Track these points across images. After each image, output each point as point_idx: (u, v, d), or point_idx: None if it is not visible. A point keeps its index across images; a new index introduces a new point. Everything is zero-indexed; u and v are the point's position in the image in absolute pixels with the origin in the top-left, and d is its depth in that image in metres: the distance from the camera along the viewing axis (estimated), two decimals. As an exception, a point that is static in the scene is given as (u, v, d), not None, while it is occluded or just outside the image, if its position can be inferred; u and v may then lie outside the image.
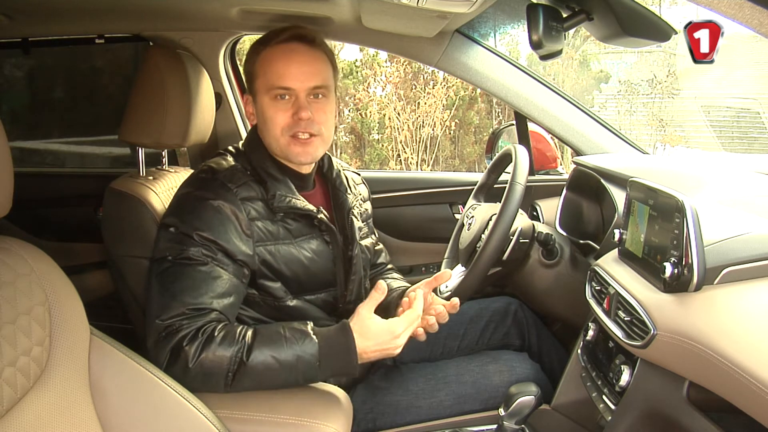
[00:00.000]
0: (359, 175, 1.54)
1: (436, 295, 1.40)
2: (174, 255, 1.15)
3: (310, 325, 1.15)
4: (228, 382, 1.09)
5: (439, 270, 1.58)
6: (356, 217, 1.39)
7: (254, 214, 1.21)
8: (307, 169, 1.32)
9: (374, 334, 1.13)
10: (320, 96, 1.26)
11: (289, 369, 1.11)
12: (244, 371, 1.09)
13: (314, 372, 1.12)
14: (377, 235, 1.56)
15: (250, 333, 1.11)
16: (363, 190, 1.51)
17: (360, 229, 1.39)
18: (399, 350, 1.15)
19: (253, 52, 1.29)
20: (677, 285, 0.91)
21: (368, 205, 1.51)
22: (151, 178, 1.48)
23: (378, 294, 1.16)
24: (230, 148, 1.34)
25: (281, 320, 1.25)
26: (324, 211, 1.30)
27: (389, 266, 1.58)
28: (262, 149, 1.30)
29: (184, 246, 1.15)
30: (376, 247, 1.51)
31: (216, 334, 1.09)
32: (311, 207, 1.28)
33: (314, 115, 1.24)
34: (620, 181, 1.36)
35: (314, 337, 1.12)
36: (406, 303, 1.23)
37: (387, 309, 1.29)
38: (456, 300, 1.25)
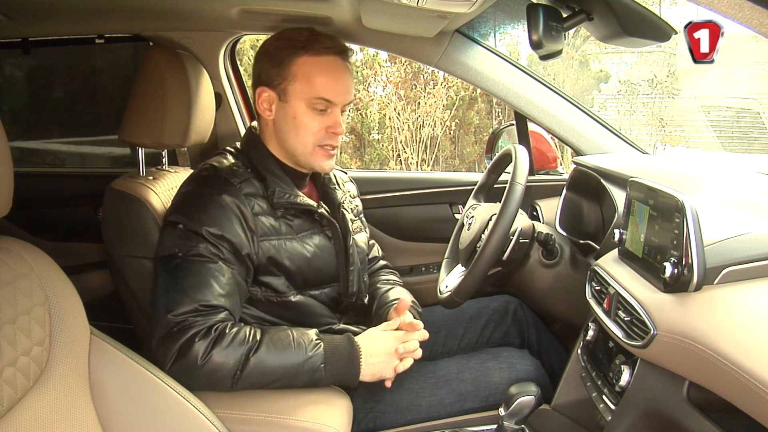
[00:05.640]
0: (346, 173, 1.57)
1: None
2: (184, 251, 1.16)
3: (315, 332, 1.20)
4: (234, 381, 1.10)
5: (439, 270, 1.58)
6: (347, 211, 1.42)
7: (257, 209, 1.24)
8: (306, 169, 1.34)
9: (379, 343, 1.22)
10: (347, 110, 1.32)
11: (294, 372, 1.14)
12: (250, 371, 1.11)
13: (319, 377, 1.16)
14: (368, 232, 1.57)
15: (259, 334, 1.14)
16: (351, 188, 1.54)
17: (352, 221, 1.42)
18: (399, 364, 1.23)
19: (290, 52, 1.25)
20: (677, 285, 0.91)
21: (358, 202, 1.54)
22: (151, 178, 1.48)
23: (396, 316, 1.28)
24: (229, 148, 1.36)
25: (285, 317, 1.28)
26: (324, 206, 1.32)
27: (382, 262, 1.60)
28: (262, 148, 1.32)
29: (192, 243, 1.16)
30: (368, 242, 1.54)
31: (227, 332, 1.11)
32: (311, 202, 1.30)
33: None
34: (620, 181, 1.36)
35: (321, 343, 1.16)
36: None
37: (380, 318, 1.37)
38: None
